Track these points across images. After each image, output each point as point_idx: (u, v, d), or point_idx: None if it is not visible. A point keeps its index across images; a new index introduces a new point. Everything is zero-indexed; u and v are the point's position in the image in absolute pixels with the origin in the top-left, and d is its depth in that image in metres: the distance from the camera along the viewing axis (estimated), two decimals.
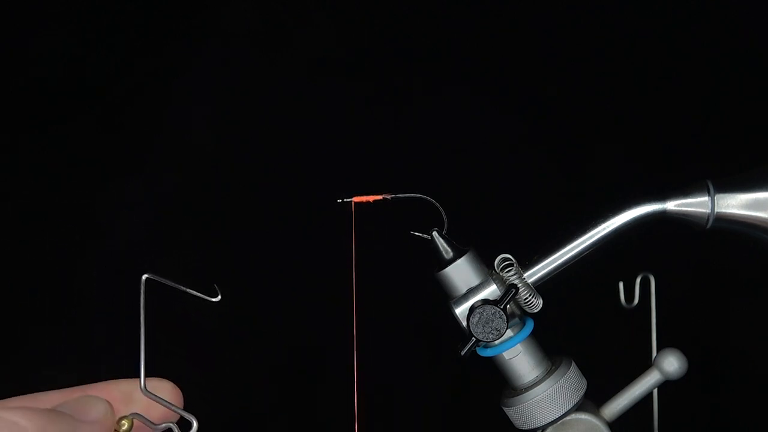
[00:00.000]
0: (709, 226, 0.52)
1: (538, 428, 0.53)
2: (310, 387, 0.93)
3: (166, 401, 0.40)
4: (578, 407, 0.53)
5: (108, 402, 0.39)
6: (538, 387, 0.52)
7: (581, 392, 0.54)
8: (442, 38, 0.93)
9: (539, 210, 0.90)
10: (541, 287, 0.53)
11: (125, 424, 0.39)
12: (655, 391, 0.58)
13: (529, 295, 0.52)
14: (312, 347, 0.93)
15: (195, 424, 0.39)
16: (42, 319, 0.91)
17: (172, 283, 0.40)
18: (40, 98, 0.92)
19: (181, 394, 0.42)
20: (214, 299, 0.41)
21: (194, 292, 0.40)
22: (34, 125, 0.92)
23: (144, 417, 0.39)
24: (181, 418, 0.40)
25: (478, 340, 0.51)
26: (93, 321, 0.91)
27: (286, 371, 0.93)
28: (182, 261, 0.92)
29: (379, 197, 0.53)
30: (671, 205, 0.52)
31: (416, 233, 0.53)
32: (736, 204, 0.51)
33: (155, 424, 0.39)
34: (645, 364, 0.55)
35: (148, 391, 0.39)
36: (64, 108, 0.92)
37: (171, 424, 0.39)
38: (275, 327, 0.92)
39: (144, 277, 0.39)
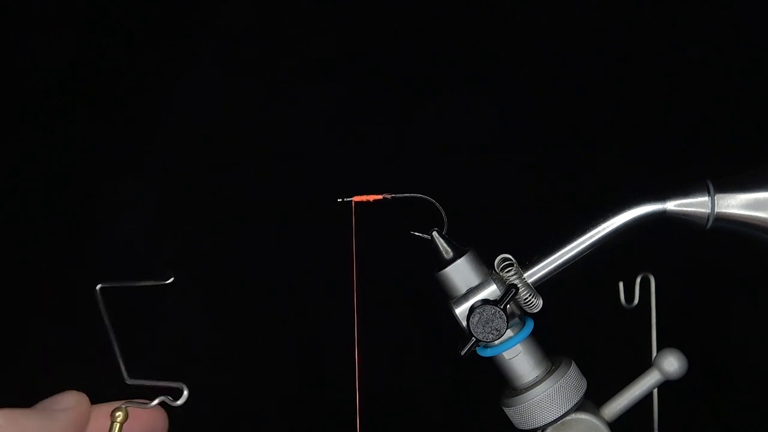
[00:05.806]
0: (709, 226, 0.52)
1: (538, 428, 0.53)
2: (311, 387, 0.93)
3: (149, 381, 0.40)
4: (578, 407, 0.53)
5: (79, 392, 0.39)
6: (538, 387, 0.52)
7: (581, 392, 0.53)
8: (443, 38, 0.93)
9: (539, 210, 0.90)
10: (541, 287, 0.53)
11: (120, 415, 0.39)
12: (655, 391, 0.58)
13: (529, 295, 0.52)
14: (312, 347, 0.93)
15: (185, 392, 0.39)
16: (42, 319, 0.90)
17: (125, 283, 0.40)
18: (40, 98, 0.92)
19: (89, 402, 0.41)
20: (166, 282, 0.41)
21: (147, 283, 0.41)
22: (34, 124, 0.92)
23: (135, 401, 0.39)
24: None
25: (478, 340, 0.51)
26: (93, 320, 0.90)
27: (287, 371, 0.93)
28: (182, 261, 0.92)
29: (379, 197, 0.53)
30: (671, 205, 0.52)
31: (416, 233, 0.53)
32: (736, 204, 0.51)
33: (148, 402, 0.39)
34: (645, 364, 0.55)
35: (132, 378, 0.40)
36: (64, 107, 0.92)
37: (163, 397, 0.39)
38: (275, 326, 0.92)
39: (98, 287, 0.40)
